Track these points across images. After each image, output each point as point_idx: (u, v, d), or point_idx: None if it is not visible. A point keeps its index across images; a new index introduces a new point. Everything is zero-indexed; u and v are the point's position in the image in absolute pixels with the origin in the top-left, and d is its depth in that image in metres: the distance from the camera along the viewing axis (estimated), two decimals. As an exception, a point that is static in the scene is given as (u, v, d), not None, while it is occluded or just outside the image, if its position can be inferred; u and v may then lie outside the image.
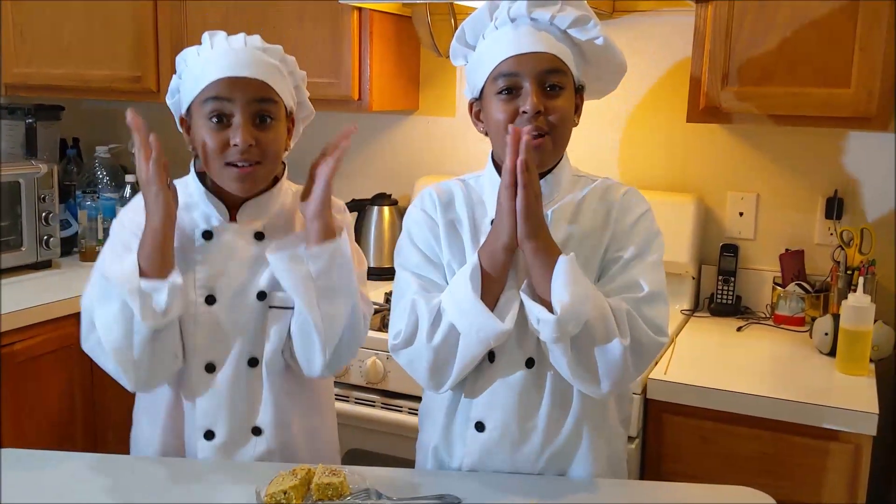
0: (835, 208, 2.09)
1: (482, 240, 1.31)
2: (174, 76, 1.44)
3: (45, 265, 2.46)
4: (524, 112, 1.26)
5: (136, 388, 1.38)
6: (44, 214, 2.41)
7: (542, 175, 1.32)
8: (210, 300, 1.40)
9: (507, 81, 1.27)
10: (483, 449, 1.32)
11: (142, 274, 1.31)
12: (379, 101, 2.30)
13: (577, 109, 1.34)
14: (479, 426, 1.32)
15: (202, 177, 1.44)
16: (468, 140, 2.48)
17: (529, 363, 1.30)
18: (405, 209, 2.46)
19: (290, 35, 2.25)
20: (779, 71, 1.83)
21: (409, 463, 1.55)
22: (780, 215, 2.18)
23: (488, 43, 1.31)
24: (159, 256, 1.33)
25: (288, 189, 1.49)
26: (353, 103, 2.27)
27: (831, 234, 2.10)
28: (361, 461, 1.93)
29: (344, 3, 2.14)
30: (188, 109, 1.40)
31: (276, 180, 1.45)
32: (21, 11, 2.60)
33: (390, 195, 2.51)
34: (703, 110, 1.90)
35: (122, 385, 1.38)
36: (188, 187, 1.45)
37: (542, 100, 1.26)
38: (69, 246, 2.62)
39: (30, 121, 2.69)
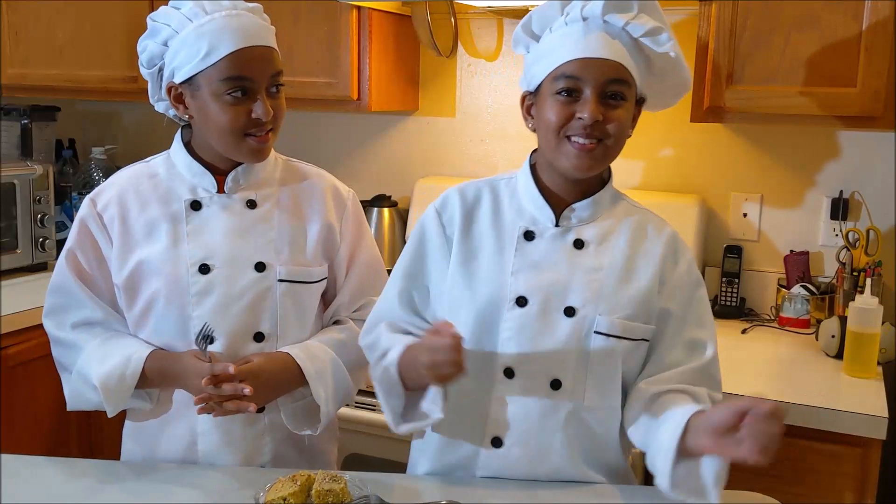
0: (840, 209, 2.06)
1: (502, 242, 1.29)
2: (147, 41, 1.37)
3: (40, 268, 2.43)
4: (580, 118, 1.21)
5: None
6: (39, 216, 2.39)
7: (586, 194, 1.30)
8: (204, 269, 1.37)
9: (568, 83, 1.21)
10: (500, 467, 1.28)
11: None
12: (378, 102, 2.28)
13: (634, 121, 1.29)
14: (497, 441, 1.28)
15: (187, 147, 1.42)
16: (468, 140, 2.46)
17: (555, 384, 1.25)
18: (405, 211, 2.49)
19: (285, 34, 2.17)
20: (783, 70, 1.81)
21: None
22: (785, 216, 2.16)
23: (555, 38, 1.24)
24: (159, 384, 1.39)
25: (276, 159, 1.48)
26: (351, 103, 2.24)
27: (836, 235, 2.08)
28: (361, 466, 1.91)
29: (343, 1, 2.12)
30: (188, 80, 1.33)
31: None
32: (15, 12, 2.57)
33: (390, 196, 2.49)
34: (706, 110, 1.88)
35: None
36: (171, 159, 1.43)
37: (600, 109, 1.21)
38: (65, 248, 2.58)
39: (25, 122, 2.67)
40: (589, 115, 1.20)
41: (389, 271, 1.45)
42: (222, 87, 1.31)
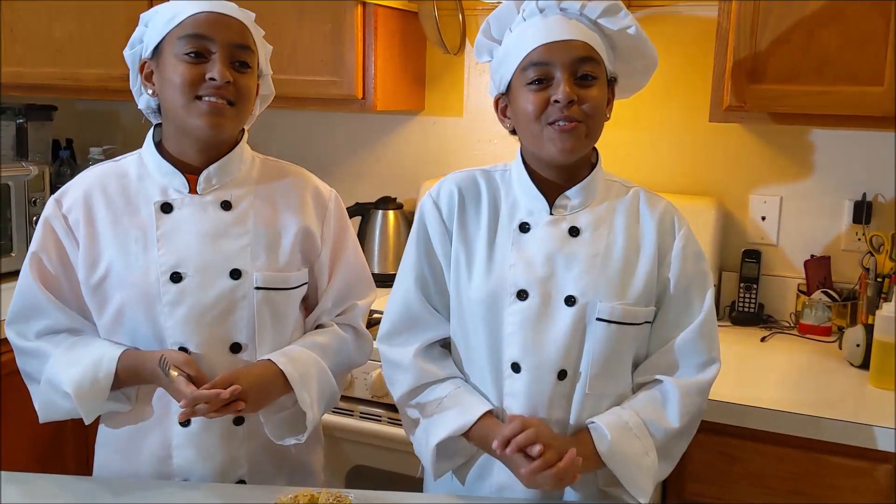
0: (863, 212, 2.00)
1: (499, 236, 1.28)
2: (138, 27, 1.36)
3: (36, 271, 2.37)
4: (556, 101, 1.21)
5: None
6: (34, 218, 2.33)
7: (577, 180, 1.29)
8: (175, 277, 1.30)
9: (538, 71, 1.22)
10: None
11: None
12: (383, 101, 2.22)
13: (609, 103, 1.30)
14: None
15: (158, 148, 1.37)
16: (476, 141, 2.40)
17: (561, 375, 1.25)
18: (411, 213, 2.43)
19: (289, 32, 2.17)
20: (806, 68, 1.74)
21: (416, 482, 1.48)
22: (805, 220, 2.10)
23: (516, 35, 1.27)
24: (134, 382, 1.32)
25: (253, 158, 1.43)
26: (356, 103, 2.19)
27: (859, 239, 2.02)
28: (366, 479, 1.85)
29: (347, -3, 2.07)
30: (156, 49, 1.31)
31: (235, 145, 1.38)
32: (11, 9, 2.52)
33: (395, 199, 2.43)
34: (726, 109, 1.82)
35: None
36: (141, 159, 1.38)
37: (574, 89, 1.21)
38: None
39: (20, 121, 2.62)
40: (563, 96, 1.20)
41: (393, 276, 1.42)
42: (180, 46, 1.28)
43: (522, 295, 1.25)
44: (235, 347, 1.33)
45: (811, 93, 1.74)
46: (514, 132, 1.32)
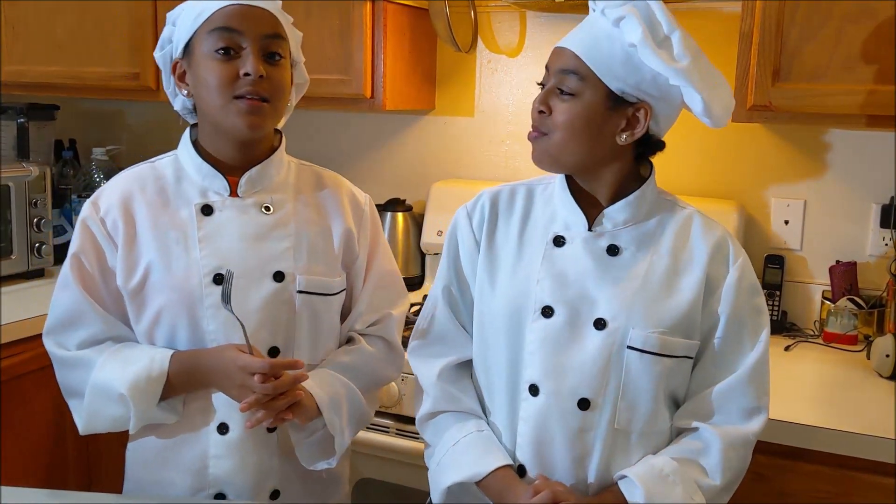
0: (891, 216, 1.93)
1: (529, 248, 1.22)
2: (166, 27, 1.34)
3: (37, 274, 2.31)
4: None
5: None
6: (35, 220, 2.28)
7: (624, 194, 1.21)
8: (218, 279, 1.26)
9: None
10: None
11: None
12: (393, 100, 2.17)
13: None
14: (521, 470, 1.18)
15: (196, 147, 1.33)
16: (488, 142, 2.35)
17: (583, 404, 1.16)
18: (420, 215, 2.37)
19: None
20: (834, 66, 1.68)
21: (425, 495, 1.41)
22: (830, 224, 2.03)
23: None
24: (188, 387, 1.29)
25: (290, 162, 1.40)
26: (365, 102, 2.13)
27: (886, 244, 1.95)
28: (373, 491, 1.79)
29: (356, -7, 2.01)
30: (186, 48, 1.28)
31: (273, 150, 1.35)
32: (12, 6, 2.48)
33: (405, 200, 2.38)
34: (750, 109, 1.75)
35: None
36: (178, 160, 1.34)
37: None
38: (64, 253, 2.45)
39: (21, 120, 2.57)
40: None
41: (406, 279, 1.38)
42: (210, 42, 1.24)
43: (547, 312, 1.17)
44: (273, 351, 1.30)
45: (840, 92, 1.67)
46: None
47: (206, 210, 1.30)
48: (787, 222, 2.06)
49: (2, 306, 2.01)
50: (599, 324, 1.15)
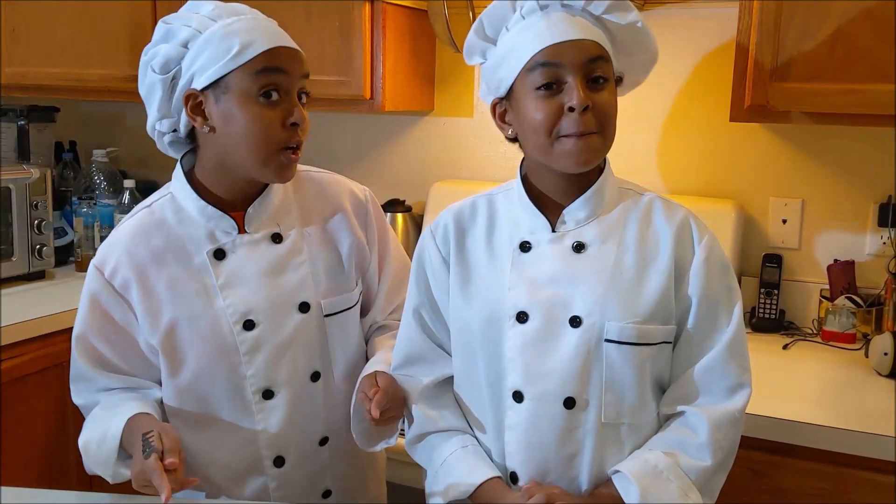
0: (889, 215, 1.93)
1: (498, 257, 1.21)
2: (162, 45, 1.24)
3: (37, 276, 2.32)
4: (571, 109, 1.11)
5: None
6: (36, 222, 2.29)
7: (586, 187, 1.20)
8: (248, 325, 1.26)
9: (547, 74, 1.12)
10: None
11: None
12: (392, 101, 2.17)
13: None
14: (514, 477, 1.18)
15: (191, 184, 1.29)
16: (487, 142, 2.35)
17: (568, 403, 1.15)
18: (420, 216, 2.37)
19: (297, 32, 2.05)
20: (833, 65, 1.67)
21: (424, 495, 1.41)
22: (828, 223, 2.03)
23: (516, 34, 1.16)
24: None
25: None
26: (364, 103, 2.14)
27: (885, 243, 1.96)
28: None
29: (355, -6, 2.01)
30: (214, 83, 1.20)
31: None
32: (13, 8, 2.48)
33: (404, 201, 2.38)
34: (748, 108, 1.75)
35: None
36: (176, 200, 1.30)
37: (588, 94, 1.12)
38: (65, 255, 2.50)
39: (22, 123, 2.58)
40: (578, 102, 1.10)
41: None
42: (255, 83, 1.19)
43: (522, 317, 1.16)
44: (315, 376, 1.33)
45: (838, 91, 1.67)
46: (514, 139, 1.22)
47: (219, 255, 1.27)
48: (785, 221, 2.06)
49: (2, 308, 2.02)
50: (575, 322, 1.15)
